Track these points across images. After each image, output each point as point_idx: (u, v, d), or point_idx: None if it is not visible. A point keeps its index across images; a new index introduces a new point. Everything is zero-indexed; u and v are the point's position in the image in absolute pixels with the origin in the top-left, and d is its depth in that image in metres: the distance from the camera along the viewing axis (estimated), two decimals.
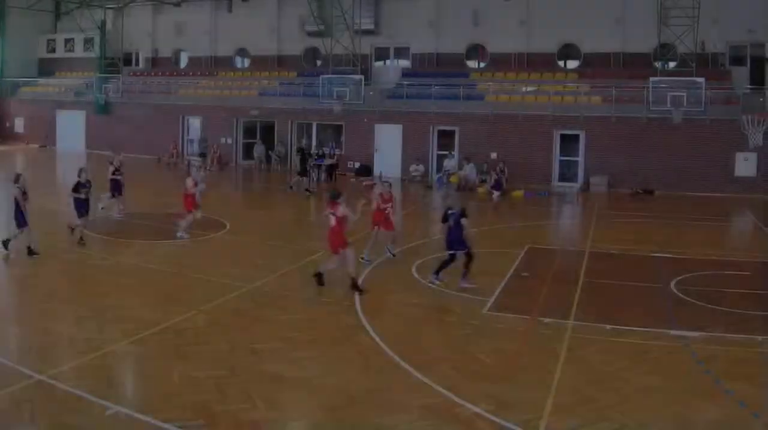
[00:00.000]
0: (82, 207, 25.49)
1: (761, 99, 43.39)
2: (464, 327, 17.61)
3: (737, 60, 52.68)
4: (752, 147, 38.33)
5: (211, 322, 17.40)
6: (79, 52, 72.07)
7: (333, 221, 20.47)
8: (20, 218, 23.47)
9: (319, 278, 20.66)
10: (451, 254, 21.19)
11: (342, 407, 12.76)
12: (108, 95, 64.23)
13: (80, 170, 25.93)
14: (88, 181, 25.63)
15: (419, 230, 30.77)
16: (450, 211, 21.37)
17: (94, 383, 13.29)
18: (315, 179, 48.08)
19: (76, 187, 25.30)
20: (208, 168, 51.46)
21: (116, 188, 31.53)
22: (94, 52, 68.08)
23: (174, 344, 15.66)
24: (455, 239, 21.13)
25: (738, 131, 41.38)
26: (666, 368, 15.04)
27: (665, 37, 46.90)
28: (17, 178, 23.95)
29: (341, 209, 20.55)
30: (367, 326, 17.34)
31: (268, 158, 56.49)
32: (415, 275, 22.87)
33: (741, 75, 51.07)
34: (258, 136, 58.75)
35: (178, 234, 27.35)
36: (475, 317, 18.51)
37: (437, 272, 21.38)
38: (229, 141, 58.97)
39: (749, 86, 49.24)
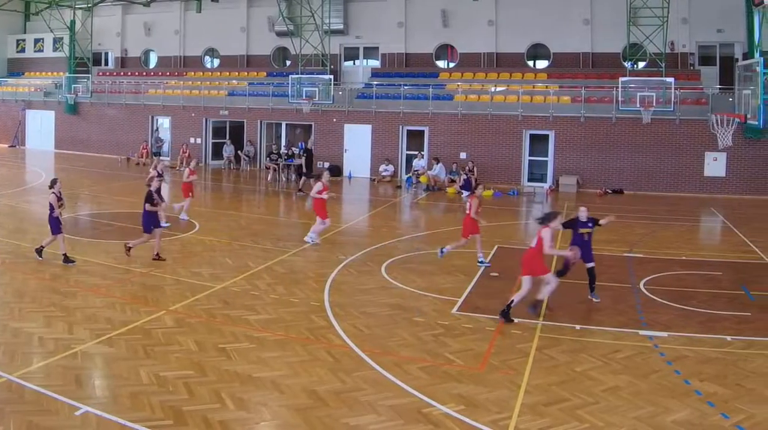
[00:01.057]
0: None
1: (730, 99, 43.55)
2: (434, 327, 17.62)
3: (706, 60, 53.01)
4: (721, 147, 38.49)
5: (180, 322, 17.36)
6: (48, 52, 71.72)
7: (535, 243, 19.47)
8: (54, 224, 23.06)
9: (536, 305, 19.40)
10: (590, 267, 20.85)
11: (311, 407, 12.77)
12: (77, 95, 63.91)
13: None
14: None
15: (389, 230, 30.75)
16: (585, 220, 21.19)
17: (63, 383, 13.29)
18: (285, 180, 48.17)
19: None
20: (178, 168, 51.63)
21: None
22: (64, 52, 67.63)
23: (143, 344, 15.63)
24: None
25: (707, 131, 41.54)
26: (635, 368, 15.07)
27: (634, 37, 47.14)
28: (53, 183, 23.55)
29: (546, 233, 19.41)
30: (337, 327, 17.39)
31: (238, 158, 56.30)
32: (385, 275, 22.89)
33: (710, 75, 51.36)
34: (227, 136, 58.57)
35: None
36: (444, 317, 18.58)
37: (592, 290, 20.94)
38: (199, 141, 58.77)
39: (718, 86, 49.40)
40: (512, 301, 18.36)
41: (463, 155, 48.97)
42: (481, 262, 24.15)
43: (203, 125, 58.87)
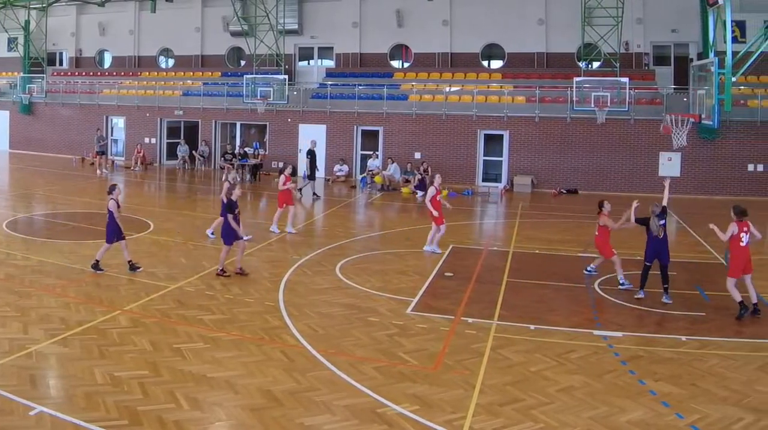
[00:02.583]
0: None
1: (685, 99, 43.83)
2: (388, 327, 17.64)
3: (661, 60, 53.51)
4: (676, 147, 38.68)
5: (134, 322, 17.28)
6: (2, 52, 71.12)
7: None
8: (115, 231, 22.57)
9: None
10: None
11: (266, 407, 12.75)
12: (32, 95, 63.44)
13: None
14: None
15: (343, 230, 30.73)
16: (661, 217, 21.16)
17: (18, 384, 13.21)
18: (240, 180, 48.06)
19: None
20: (132, 168, 51.47)
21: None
22: (18, 52, 67.23)
23: (97, 344, 15.56)
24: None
25: (662, 131, 41.81)
26: (590, 368, 15.14)
27: (589, 37, 47.63)
28: (112, 189, 23.03)
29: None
30: (291, 327, 17.40)
31: (192, 158, 56.16)
32: (340, 275, 22.91)
33: (665, 75, 51.84)
34: (182, 136, 58.33)
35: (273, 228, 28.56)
36: (399, 317, 18.60)
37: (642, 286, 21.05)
38: (153, 141, 58.43)
39: (673, 86, 49.79)
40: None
41: (417, 155, 48.99)
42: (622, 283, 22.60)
43: (158, 125, 58.48)
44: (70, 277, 21.58)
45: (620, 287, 21.92)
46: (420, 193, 41.08)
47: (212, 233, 27.94)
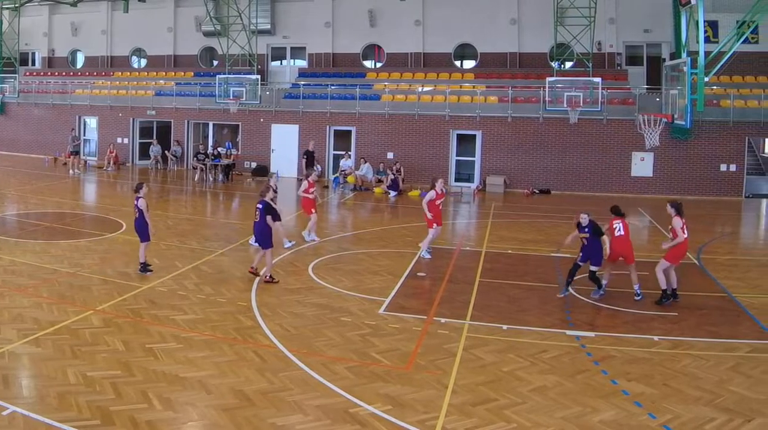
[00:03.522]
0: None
1: (657, 99, 44.01)
2: (361, 327, 17.66)
3: (633, 60, 53.70)
4: (649, 147, 38.80)
5: (107, 322, 17.24)
6: None
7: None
8: (146, 231, 22.73)
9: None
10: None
11: (238, 407, 12.75)
12: (4, 95, 63.08)
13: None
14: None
15: (316, 230, 30.71)
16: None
17: None
18: (212, 180, 47.99)
19: None
20: (105, 168, 51.35)
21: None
22: None
23: (70, 344, 15.51)
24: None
25: (634, 131, 41.86)
26: (562, 368, 15.18)
27: (561, 37, 47.68)
28: (140, 188, 22.93)
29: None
30: (264, 327, 17.40)
31: (165, 158, 55.89)
32: (312, 275, 22.90)
33: (637, 75, 52.01)
34: (154, 136, 57.99)
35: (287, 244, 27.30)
36: (371, 317, 18.63)
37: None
38: (126, 141, 58.14)
39: (645, 86, 49.94)
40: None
41: (390, 155, 48.96)
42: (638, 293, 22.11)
43: (130, 125, 58.18)
44: (42, 277, 21.48)
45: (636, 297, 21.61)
46: (393, 193, 41.05)
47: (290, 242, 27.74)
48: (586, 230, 20.86)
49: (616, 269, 21.37)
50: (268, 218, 22.11)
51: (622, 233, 21.39)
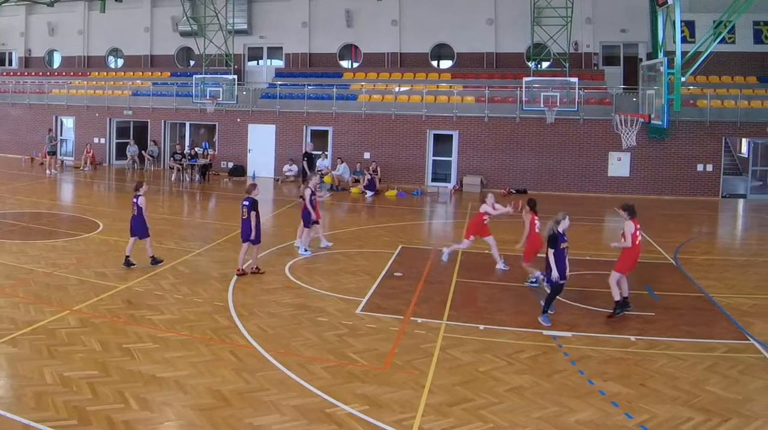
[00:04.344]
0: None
1: (634, 99, 44.13)
2: (337, 328, 17.63)
3: (610, 60, 53.92)
4: (625, 147, 38.91)
5: (84, 322, 17.15)
6: None
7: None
8: (145, 228, 23.50)
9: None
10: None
11: (215, 407, 12.72)
12: None
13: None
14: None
15: (293, 230, 30.65)
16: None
17: None
18: (189, 180, 47.93)
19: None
20: (82, 168, 51.28)
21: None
22: None
23: (47, 344, 15.43)
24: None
25: (611, 131, 41.97)
26: (539, 368, 15.20)
27: (538, 37, 47.83)
28: (139, 186, 23.66)
29: None
30: (241, 327, 17.35)
31: (142, 158, 55.77)
32: (289, 275, 22.86)
33: (614, 75, 52.21)
34: (131, 136, 57.86)
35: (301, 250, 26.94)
36: (348, 317, 18.60)
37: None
38: (103, 141, 58.02)
39: (622, 86, 50.12)
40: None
41: (367, 155, 48.93)
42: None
43: (107, 125, 58.03)
44: (19, 277, 21.38)
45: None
46: (370, 193, 41.00)
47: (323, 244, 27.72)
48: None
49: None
50: (253, 214, 22.38)
51: (537, 229, 22.00)
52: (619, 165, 45.82)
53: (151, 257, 23.59)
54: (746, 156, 49.39)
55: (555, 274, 18.32)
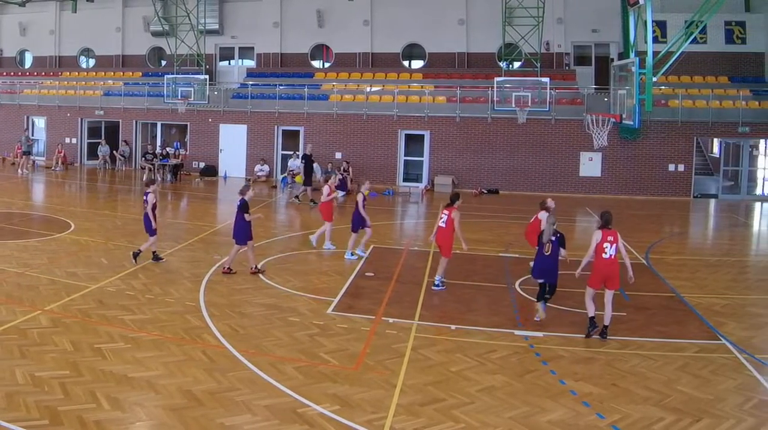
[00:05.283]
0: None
1: (606, 99, 44.23)
2: (309, 328, 17.62)
3: (582, 60, 54.18)
4: (597, 147, 39.00)
5: (55, 322, 17.06)
6: None
7: None
8: (151, 225, 23.82)
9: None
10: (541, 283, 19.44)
11: (187, 407, 12.67)
12: None
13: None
14: None
15: (264, 230, 30.60)
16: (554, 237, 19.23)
17: None
18: (160, 180, 47.83)
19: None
20: (53, 168, 51.11)
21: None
22: None
23: (18, 344, 15.34)
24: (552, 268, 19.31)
25: (583, 131, 42.08)
26: (511, 368, 15.22)
27: (510, 37, 48.07)
28: (150, 183, 24.12)
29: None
30: (212, 327, 17.32)
31: (113, 158, 55.68)
32: (260, 275, 22.83)
33: (585, 75, 52.42)
34: (102, 136, 57.71)
35: (324, 245, 27.36)
36: (319, 317, 18.59)
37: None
38: (74, 141, 57.84)
39: (594, 86, 50.29)
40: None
41: (338, 155, 48.94)
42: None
43: (78, 125, 57.89)
44: None
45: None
46: (341, 193, 40.96)
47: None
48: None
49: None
50: (240, 215, 22.59)
51: (444, 225, 21.75)
52: (590, 165, 46.00)
53: (138, 251, 23.76)
54: (717, 156, 49.69)
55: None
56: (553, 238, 18.90)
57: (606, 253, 17.65)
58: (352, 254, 25.92)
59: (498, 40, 50.32)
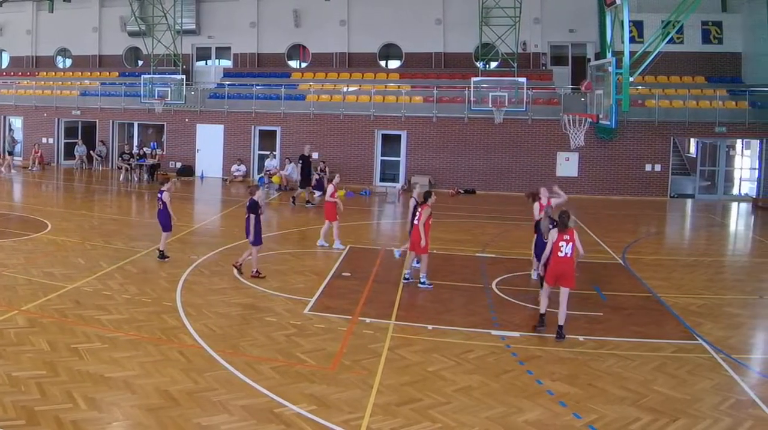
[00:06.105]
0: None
1: (582, 99, 44.30)
2: (286, 327, 17.61)
3: (558, 60, 54.27)
4: (574, 147, 39.02)
5: (32, 322, 17.02)
6: None
7: None
8: (168, 222, 24.52)
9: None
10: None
11: (163, 407, 12.64)
12: None
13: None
14: None
15: (241, 230, 30.61)
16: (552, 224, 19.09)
17: None
18: (137, 180, 47.73)
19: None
20: (30, 168, 50.98)
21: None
22: None
23: None
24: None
25: (559, 131, 42.07)
26: (487, 368, 15.23)
27: (486, 37, 47.96)
28: (165, 181, 24.74)
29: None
30: (189, 327, 17.29)
31: (90, 158, 55.56)
32: (237, 275, 22.79)
33: (562, 75, 52.52)
34: (79, 136, 57.57)
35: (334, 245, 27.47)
36: (296, 317, 18.58)
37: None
38: (51, 141, 57.71)
39: (570, 86, 50.31)
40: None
41: (315, 155, 48.45)
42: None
43: (55, 125, 57.77)
44: None
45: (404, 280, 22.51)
46: (318, 193, 40.87)
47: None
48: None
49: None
50: (252, 217, 22.65)
51: (417, 222, 21.96)
52: (567, 165, 46.06)
53: (161, 250, 24.47)
54: (694, 156, 49.95)
55: None
56: (551, 226, 18.93)
57: (561, 251, 17.74)
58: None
59: (475, 40, 50.27)
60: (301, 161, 40.78)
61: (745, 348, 17.55)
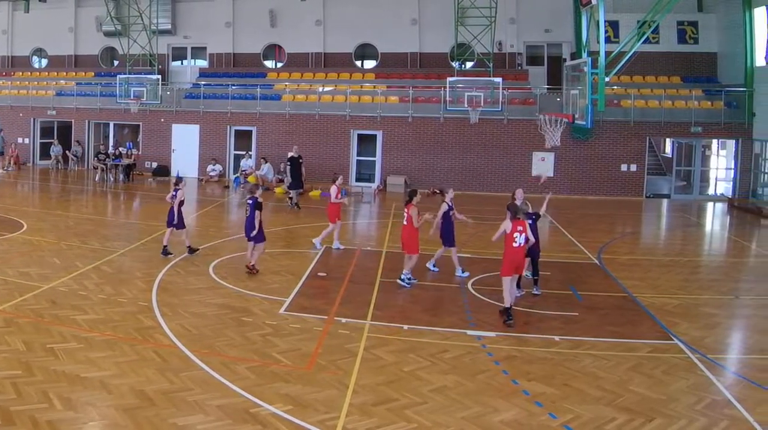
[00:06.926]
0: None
1: (558, 99, 44.33)
2: (261, 327, 17.59)
3: (534, 60, 54.42)
4: (549, 147, 39.07)
5: (7, 322, 16.98)
6: None
7: None
8: (179, 220, 25.31)
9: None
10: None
11: (139, 407, 12.61)
12: None
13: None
14: None
15: (217, 230, 30.52)
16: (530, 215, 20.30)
17: None
18: (113, 180, 47.61)
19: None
20: (5, 168, 50.84)
21: None
22: None
23: None
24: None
25: (535, 131, 42.08)
26: (463, 368, 15.23)
27: (462, 37, 48.13)
28: (179, 181, 25.90)
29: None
30: (165, 327, 17.26)
31: (65, 158, 55.40)
32: (213, 275, 22.79)
33: (538, 75, 52.65)
34: (55, 136, 57.36)
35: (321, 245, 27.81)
36: (272, 317, 18.58)
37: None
38: (27, 141, 57.43)
39: (546, 86, 50.47)
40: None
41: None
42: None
43: (31, 125, 57.47)
44: None
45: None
46: (293, 191, 40.74)
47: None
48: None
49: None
50: (257, 213, 22.98)
51: (405, 222, 22.50)
52: (543, 165, 46.09)
53: (189, 246, 25.39)
54: (670, 156, 50.15)
55: None
56: (530, 221, 19.31)
57: (516, 242, 18.32)
58: (463, 272, 24.99)
59: (450, 40, 50.43)
60: (289, 163, 40.57)
61: (720, 348, 17.60)
